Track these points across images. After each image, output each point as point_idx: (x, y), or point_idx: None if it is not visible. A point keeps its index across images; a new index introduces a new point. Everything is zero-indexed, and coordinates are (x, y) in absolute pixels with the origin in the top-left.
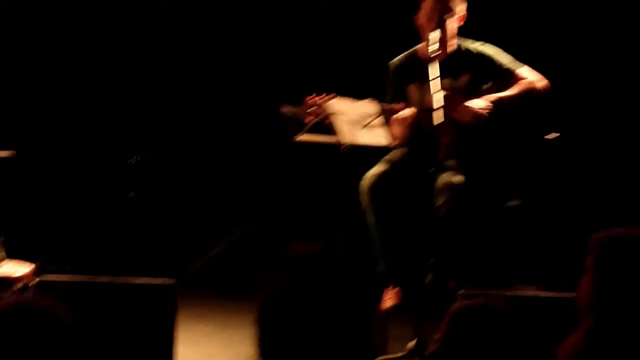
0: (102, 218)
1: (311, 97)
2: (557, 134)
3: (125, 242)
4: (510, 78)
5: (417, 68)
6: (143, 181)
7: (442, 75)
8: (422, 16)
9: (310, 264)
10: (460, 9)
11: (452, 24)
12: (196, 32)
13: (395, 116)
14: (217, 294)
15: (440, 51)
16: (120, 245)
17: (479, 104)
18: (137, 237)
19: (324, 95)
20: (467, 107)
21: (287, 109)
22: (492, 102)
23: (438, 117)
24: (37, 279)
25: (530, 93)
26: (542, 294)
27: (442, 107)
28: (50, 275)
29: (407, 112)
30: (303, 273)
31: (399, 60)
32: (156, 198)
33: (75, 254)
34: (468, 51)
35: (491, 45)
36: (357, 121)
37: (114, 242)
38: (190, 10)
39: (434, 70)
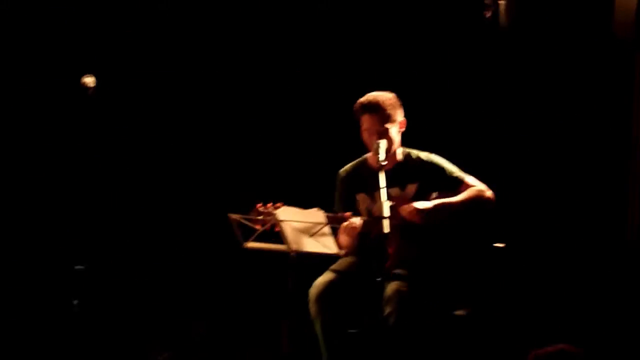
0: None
1: (260, 204)
2: (503, 244)
3: (73, 350)
4: (458, 186)
5: (365, 177)
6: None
7: (391, 184)
8: (364, 131)
9: None
10: (399, 115)
11: (394, 131)
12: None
13: (343, 225)
14: None
15: (386, 161)
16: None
17: (425, 205)
18: (85, 344)
19: (272, 203)
20: (411, 205)
21: (235, 216)
22: (439, 206)
23: (386, 226)
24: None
25: (477, 200)
26: None
27: (390, 216)
28: None
29: (355, 221)
30: None
31: (348, 168)
32: (103, 306)
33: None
34: (419, 159)
35: (437, 155)
36: (304, 230)
37: (61, 350)
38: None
39: (382, 179)
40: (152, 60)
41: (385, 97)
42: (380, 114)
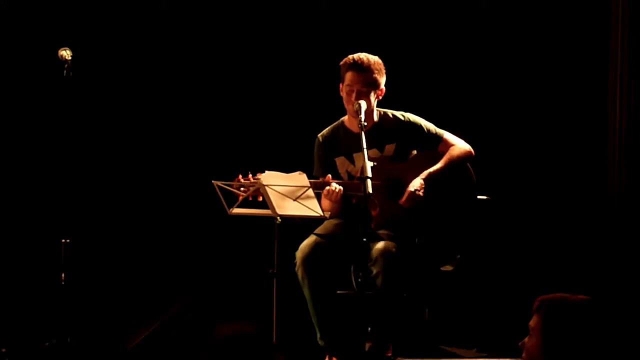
0: (37, 299)
1: (237, 178)
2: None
3: (60, 324)
4: (437, 143)
5: (343, 140)
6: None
7: (369, 146)
8: (346, 87)
9: (235, 346)
10: (382, 82)
11: (372, 97)
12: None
13: (326, 189)
14: None
15: (366, 122)
16: (56, 327)
17: (415, 185)
18: (72, 318)
19: (252, 174)
20: (409, 192)
21: (219, 183)
22: (428, 177)
23: (369, 187)
24: None
25: (459, 159)
26: (483, 357)
27: (371, 177)
28: None
29: (336, 185)
30: (226, 355)
31: (326, 132)
32: (90, 279)
33: (11, 337)
34: (395, 119)
35: (412, 114)
36: (289, 194)
37: (48, 324)
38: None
39: (364, 140)
40: (130, 32)
41: (374, 60)
42: (365, 75)
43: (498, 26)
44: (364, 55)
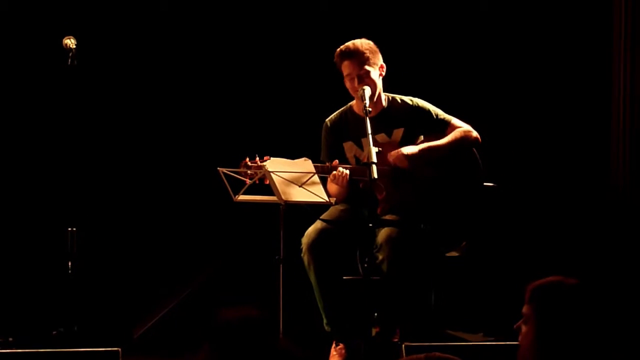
0: (44, 288)
1: (245, 161)
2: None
3: (67, 312)
4: (445, 128)
5: (351, 124)
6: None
7: (377, 130)
8: (346, 78)
9: (239, 330)
10: (378, 59)
11: (375, 75)
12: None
13: (332, 174)
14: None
15: (371, 107)
16: (63, 315)
17: (409, 150)
18: (79, 306)
19: (259, 157)
20: (399, 151)
21: (224, 170)
22: (426, 149)
23: (374, 172)
24: None
25: (462, 142)
26: (489, 341)
27: (377, 162)
28: None
29: (343, 169)
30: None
31: (333, 117)
32: (96, 267)
33: (18, 325)
34: (404, 103)
35: (420, 99)
36: (294, 180)
37: (55, 313)
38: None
39: (368, 125)
40: (135, 19)
41: (361, 42)
42: (358, 57)
43: (502, 17)
44: (350, 42)
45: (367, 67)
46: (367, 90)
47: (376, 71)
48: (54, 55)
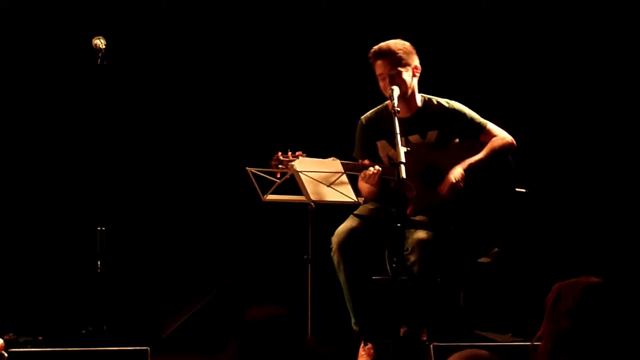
0: (73, 287)
1: (277, 155)
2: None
3: (96, 311)
4: (480, 133)
5: (386, 123)
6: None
7: (411, 131)
8: (379, 77)
9: (267, 329)
10: (413, 60)
11: (407, 75)
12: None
13: (364, 172)
14: (190, 358)
15: (399, 107)
16: (92, 314)
17: (457, 176)
18: (107, 305)
19: (290, 153)
20: (448, 182)
21: (253, 170)
22: (469, 168)
23: (402, 172)
24: (6, 355)
25: (500, 150)
26: (519, 342)
27: (405, 162)
28: (22, 348)
29: (375, 168)
30: (257, 338)
31: (369, 115)
32: (125, 266)
33: (47, 324)
34: (439, 105)
35: (457, 102)
36: (322, 179)
37: (84, 312)
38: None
39: (397, 125)
40: (165, 20)
41: (395, 42)
42: (391, 57)
43: (542, 19)
44: (383, 43)
45: (399, 68)
46: (396, 91)
47: (409, 72)
48: (83, 55)
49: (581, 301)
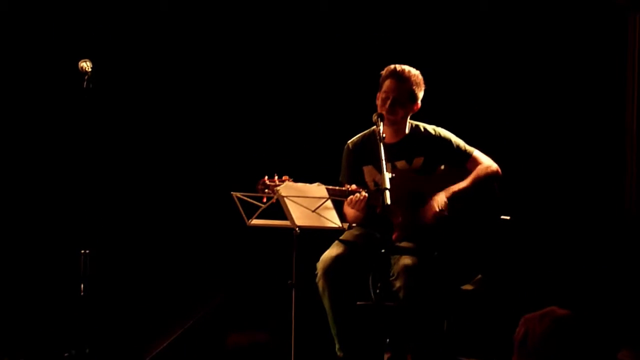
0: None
1: (263, 180)
2: (508, 217)
3: (79, 334)
4: (466, 160)
5: (373, 149)
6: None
7: (398, 157)
8: (382, 94)
9: (249, 355)
10: (419, 96)
11: (408, 109)
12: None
13: (350, 197)
14: None
15: (385, 134)
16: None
17: (440, 204)
18: (90, 328)
19: (276, 178)
20: (431, 209)
21: (238, 194)
22: (453, 196)
23: (387, 198)
24: None
25: (485, 178)
26: None
27: (389, 188)
28: None
29: (362, 194)
30: None
31: (356, 140)
32: (108, 289)
33: (30, 347)
34: (426, 132)
35: (443, 129)
36: (307, 205)
37: (67, 335)
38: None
39: (382, 151)
40: (151, 44)
41: (415, 72)
42: (405, 85)
43: (522, 46)
44: (406, 66)
45: (405, 98)
46: (382, 119)
47: (410, 105)
48: (70, 78)
49: (549, 336)
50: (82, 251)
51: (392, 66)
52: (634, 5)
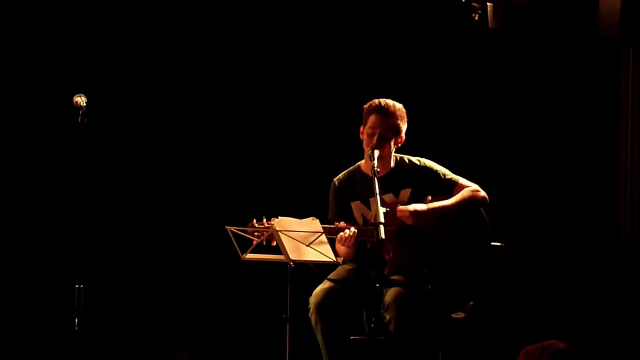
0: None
1: (252, 223)
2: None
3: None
4: (452, 188)
5: (359, 184)
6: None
7: (384, 190)
8: (367, 130)
9: None
10: (403, 129)
11: (392, 143)
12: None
13: (339, 235)
14: None
15: (379, 169)
16: None
17: (417, 207)
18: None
19: (266, 218)
20: (406, 208)
21: (232, 228)
22: (434, 210)
23: (381, 232)
24: None
25: (470, 201)
26: None
27: (385, 222)
28: None
29: (351, 230)
30: None
31: (341, 177)
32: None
33: None
34: (411, 164)
35: (428, 159)
36: (302, 239)
37: None
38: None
39: (377, 186)
40: (145, 78)
41: (399, 106)
42: (390, 120)
43: (510, 74)
44: (390, 101)
45: (391, 132)
46: (377, 152)
47: (396, 138)
48: (63, 113)
49: None
50: (77, 286)
51: (377, 101)
52: (625, 40)
